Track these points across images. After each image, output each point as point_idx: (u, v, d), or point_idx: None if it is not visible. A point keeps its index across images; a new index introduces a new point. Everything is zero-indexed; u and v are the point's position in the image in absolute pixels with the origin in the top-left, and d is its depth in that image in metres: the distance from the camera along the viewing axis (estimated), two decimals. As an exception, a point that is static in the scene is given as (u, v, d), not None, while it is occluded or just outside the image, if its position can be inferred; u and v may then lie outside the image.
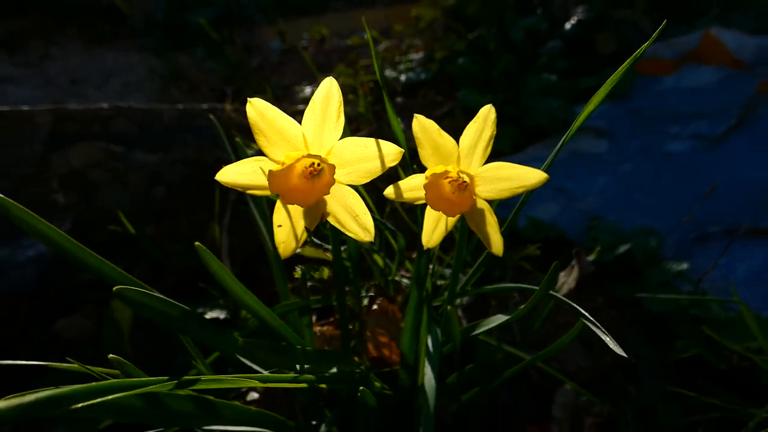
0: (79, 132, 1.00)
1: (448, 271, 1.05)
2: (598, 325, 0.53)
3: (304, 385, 0.54)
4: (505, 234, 0.59)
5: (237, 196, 1.33)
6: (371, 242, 0.56)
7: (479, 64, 1.74)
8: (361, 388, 0.52)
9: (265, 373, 0.64)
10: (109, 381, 0.57)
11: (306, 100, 2.02)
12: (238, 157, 0.74)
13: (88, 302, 1.00)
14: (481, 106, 0.56)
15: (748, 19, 1.69)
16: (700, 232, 1.09)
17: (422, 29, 2.31)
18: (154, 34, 3.22)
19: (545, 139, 1.43)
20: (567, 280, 0.83)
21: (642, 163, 1.29)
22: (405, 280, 1.05)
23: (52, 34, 3.17)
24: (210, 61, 3.00)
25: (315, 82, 2.12)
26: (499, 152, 1.47)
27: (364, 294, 0.89)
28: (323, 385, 0.56)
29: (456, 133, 0.57)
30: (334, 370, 0.58)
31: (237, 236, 1.39)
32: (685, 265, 0.95)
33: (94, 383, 0.59)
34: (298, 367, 0.57)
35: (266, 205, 0.88)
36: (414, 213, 1.26)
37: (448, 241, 1.14)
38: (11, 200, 0.62)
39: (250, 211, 1.00)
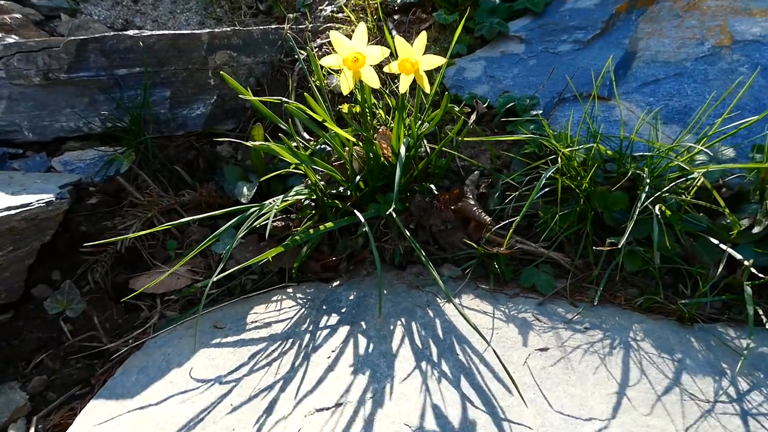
0: (219, 44, 1.85)
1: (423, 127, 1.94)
2: (472, 123, 1.42)
3: (351, 136, 1.45)
4: (439, 90, 1.47)
5: (297, 83, 2.18)
6: (378, 88, 1.42)
7: (450, -10, 2.48)
8: (375, 142, 1.43)
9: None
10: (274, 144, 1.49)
11: (327, 17, 2.78)
12: (299, 54, 1.60)
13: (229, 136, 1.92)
14: (449, 23, 1.41)
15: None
16: (560, 98, 1.96)
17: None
18: (195, -42, 3.83)
19: (485, 45, 2.25)
20: (473, 117, 1.71)
21: (541, 59, 2.12)
22: (396, 126, 1.94)
23: (111, -40, 3.80)
24: (244, -18, 3.66)
25: (333, 2, 2.86)
26: (458, 54, 2.29)
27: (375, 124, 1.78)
28: (360, 143, 1.47)
29: (431, 41, 1.45)
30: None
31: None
32: (540, 111, 1.83)
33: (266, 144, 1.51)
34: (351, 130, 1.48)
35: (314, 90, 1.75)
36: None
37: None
38: (225, 73, 1.49)
39: (310, 86, 1.86)
